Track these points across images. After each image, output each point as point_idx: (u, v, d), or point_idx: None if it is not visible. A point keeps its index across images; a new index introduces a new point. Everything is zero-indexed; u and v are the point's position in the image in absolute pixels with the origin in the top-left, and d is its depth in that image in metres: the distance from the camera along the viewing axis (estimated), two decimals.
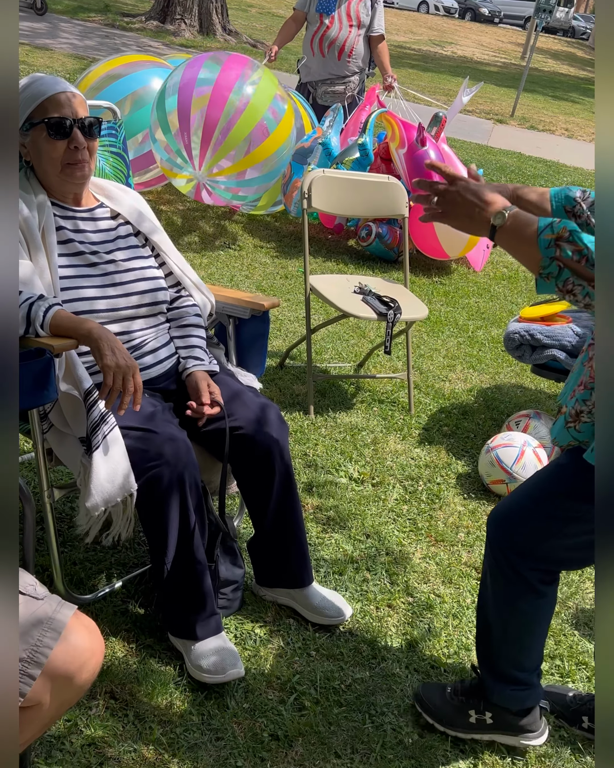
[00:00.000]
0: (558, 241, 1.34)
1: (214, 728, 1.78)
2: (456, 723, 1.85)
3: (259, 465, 2.00)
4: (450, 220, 1.47)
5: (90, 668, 1.28)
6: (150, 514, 1.85)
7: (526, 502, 1.69)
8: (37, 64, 9.00)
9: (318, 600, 2.09)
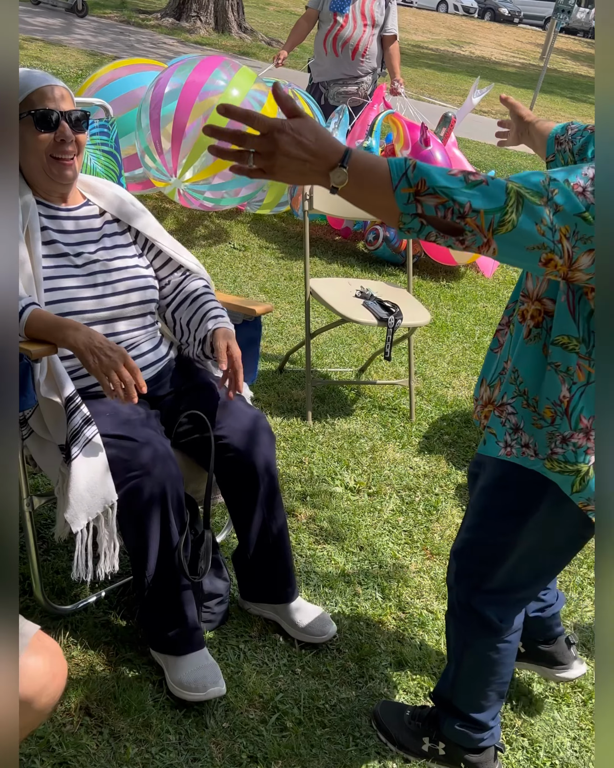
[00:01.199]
0: (418, 195, 1.18)
1: (191, 748, 1.72)
2: (409, 747, 1.80)
3: (244, 476, 1.94)
4: (274, 176, 1.19)
5: (50, 692, 1.22)
6: (130, 526, 1.79)
7: (470, 530, 1.63)
8: (50, 59, 8.98)
9: (302, 616, 2.02)
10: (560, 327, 1.38)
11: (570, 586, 2.47)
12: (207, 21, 13.31)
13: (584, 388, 1.39)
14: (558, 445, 1.42)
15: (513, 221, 1.18)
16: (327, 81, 5.10)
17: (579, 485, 1.43)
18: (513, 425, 1.48)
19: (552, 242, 1.20)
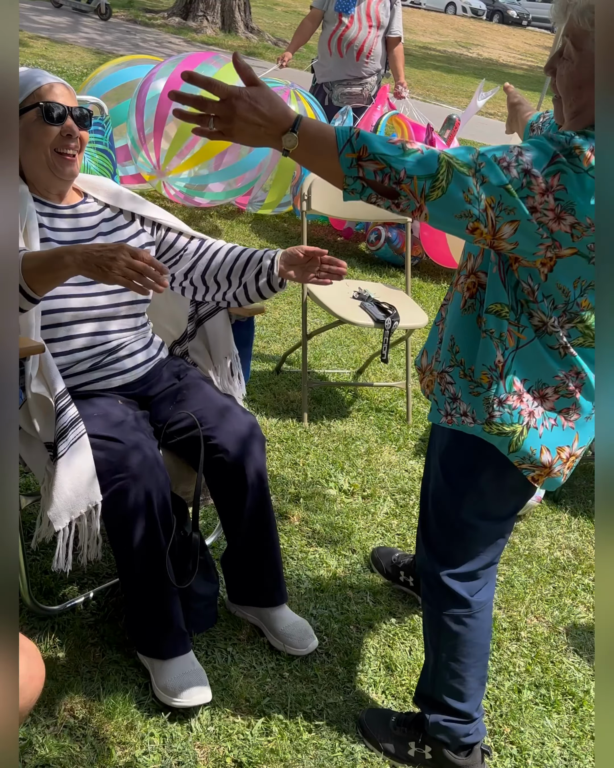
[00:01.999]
0: (360, 161, 1.29)
1: (174, 752, 1.70)
2: (397, 754, 1.80)
3: (232, 478, 1.93)
4: (233, 139, 1.31)
5: (27, 695, 1.21)
6: (116, 528, 1.78)
7: (429, 506, 1.70)
8: (56, 58, 8.99)
9: (285, 626, 2.00)
10: (493, 296, 1.46)
11: (564, 592, 2.45)
12: (214, 20, 13.31)
13: (514, 352, 1.47)
14: (495, 408, 1.49)
15: (442, 188, 1.28)
16: (331, 82, 5.09)
17: (515, 445, 1.50)
18: (452, 395, 1.55)
19: (477, 211, 1.30)
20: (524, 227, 1.32)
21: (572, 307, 1.41)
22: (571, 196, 1.30)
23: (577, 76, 1.37)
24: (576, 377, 1.48)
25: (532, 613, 2.33)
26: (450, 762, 1.74)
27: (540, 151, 1.31)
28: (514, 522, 1.67)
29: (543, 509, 2.85)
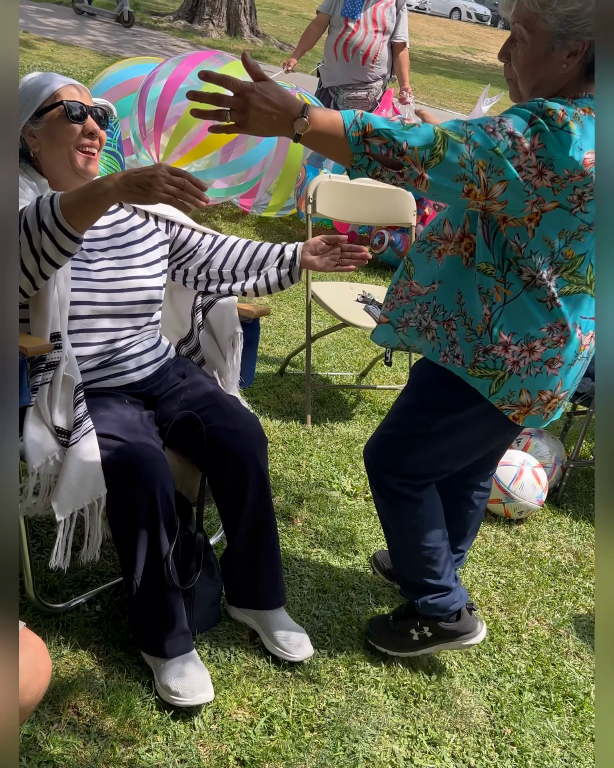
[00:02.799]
0: (365, 137, 1.44)
1: (178, 749, 1.72)
2: (404, 645, 2.02)
3: (233, 478, 1.94)
4: (248, 130, 1.45)
5: (34, 689, 1.22)
6: (120, 528, 1.80)
7: (389, 427, 1.91)
8: (62, 60, 9.02)
9: (281, 632, 1.99)
10: (481, 255, 1.63)
11: (566, 595, 2.46)
12: (219, 24, 13.34)
13: (502, 307, 1.64)
14: (481, 355, 1.68)
15: (440, 155, 1.46)
16: (336, 86, 5.11)
17: (495, 387, 1.69)
18: (453, 339, 1.72)
19: (471, 173, 1.47)
20: (512, 186, 1.49)
21: (558, 257, 1.58)
22: (550, 152, 1.48)
23: (531, 55, 1.57)
24: (561, 329, 1.64)
25: (533, 616, 2.34)
26: (447, 631, 1.97)
27: (519, 116, 1.49)
28: (487, 449, 1.89)
29: (544, 512, 2.86)
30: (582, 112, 1.51)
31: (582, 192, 1.52)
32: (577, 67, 1.56)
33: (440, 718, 1.94)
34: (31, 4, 12.25)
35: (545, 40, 1.54)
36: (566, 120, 1.47)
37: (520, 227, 1.56)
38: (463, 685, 2.05)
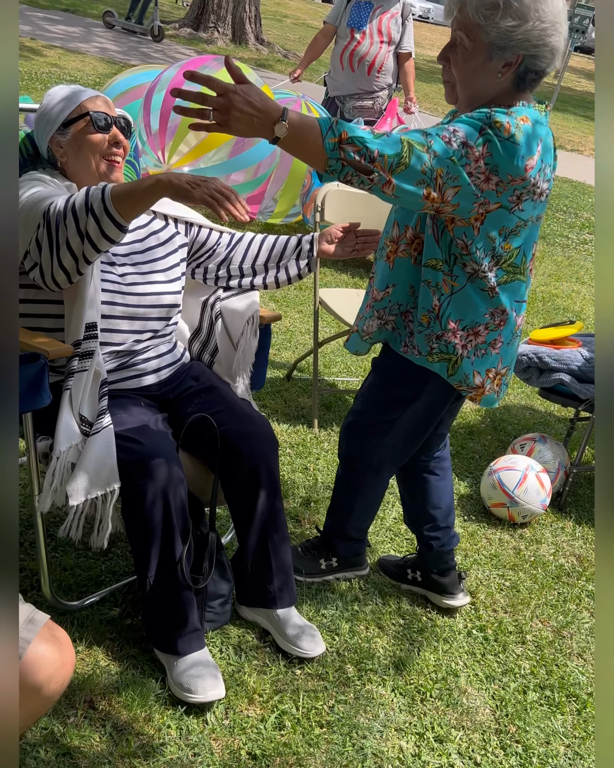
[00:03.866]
0: (341, 144, 1.56)
1: (191, 744, 1.76)
2: (313, 570, 2.31)
3: (245, 480, 1.99)
4: (229, 130, 1.53)
5: (58, 680, 1.27)
6: (134, 527, 1.84)
7: (359, 415, 2.11)
8: (69, 67, 9.10)
9: (293, 630, 2.04)
10: (429, 253, 1.81)
11: (569, 598, 2.50)
12: (224, 32, 13.44)
13: (449, 298, 1.83)
14: (434, 342, 1.87)
15: (406, 163, 1.60)
16: (343, 95, 5.17)
17: (451, 370, 1.89)
18: (410, 330, 1.91)
19: (430, 179, 1.63)
20: (464, 190, 1.66)
21: (498, 251, 1.78)
22: (496, 160, 1.65)
23: (471, 62, 1.72)
24: (501, 314, 1.86)
25: (537, 618, 2.39)
26: (351, 563, 2.34)
27: (470, 127, 1.65)
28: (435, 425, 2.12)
29: (547, 517, 2.91)
30: (521, 122, 1.68)
31: (520, 193, 1.72)
32: (510, 77, 1.74)
33: (446, 716, 1.98)
34: (39, 11, 12.35)
35: (484, 49, 1.69)
36: (512, 132, 1.65)
37: (467, 227, 1.74)
38: (469, 684, 2.09)
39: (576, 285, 5.79)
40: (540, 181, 1.74)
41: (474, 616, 2.33)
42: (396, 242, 1.88)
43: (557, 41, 1.71)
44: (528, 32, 1.67)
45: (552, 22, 1.68)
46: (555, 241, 6.93)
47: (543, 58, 1.72)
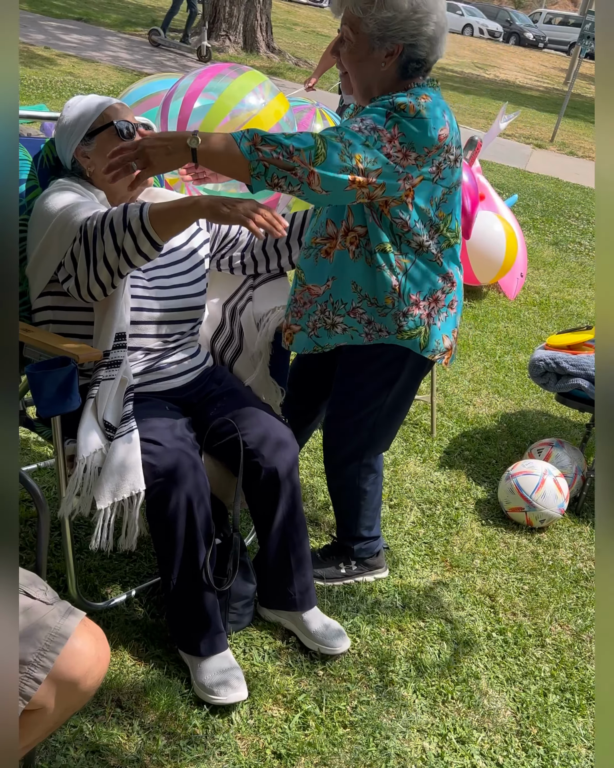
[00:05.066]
0: (256, 146, 1.68)
1: (217, 742, 1.78)
2: (333, 576, 2.35)
3: (266, 484, 2.01)
4: (154, 169, 1.69)
5: (95, 675, 1.29)
6: (158, 529, 1.87)
7: (338, 420, 2.19)
8: (83, 75, 9.19)
9: (317, 628, 2.07)
10: (375, 240, 1.92)
11: (587, 602, 2.51)
12: (236, 40, 13.53)
13: (405, 275, 1.96)
14: (401, 319, 1.98)
15: (323, 154, 1.70)
16: None
17: (424, 342, 2.02)
18: (367, 320, 2.01)
19: (351, 165, 1.73)
20: (385, 170, 1.78)
21: (434, 220, 1.92)
22: (410, 137, 1.78)
23: (356, 53, 1.87)
24: (450, 277, 2.01)
25: (556, 621, 2.40)
26: (369, 565, 2.39)
27: (376, 114, 1.78)
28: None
29: (565, 521, 2.92)
30: (422, 100, 1.81)
31: (439, 162, 1.85)
32: (394, 66, 1.87)
33: (468, 717, 1.99)
34: (52, 20, 12.47)
35: (366, 41, 1.84)
36: (417, 109, 1.78)
37: (400, 204, 1.87)
38: (489, 686, 2.10)
39: (589, 291, 5.81)
40: (452, 148, 1.87)
41: (493, 620, 2.35)
42: (335, 238, 1.98)
43: (433, 30, 1.85)
44: (403, 22, 1.81)
45: (426, 13, 1.82)
46: (568, 247, 6.95)
47: (421, 47, 1.85)
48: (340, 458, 2.23)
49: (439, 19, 1.85)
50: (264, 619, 2.15)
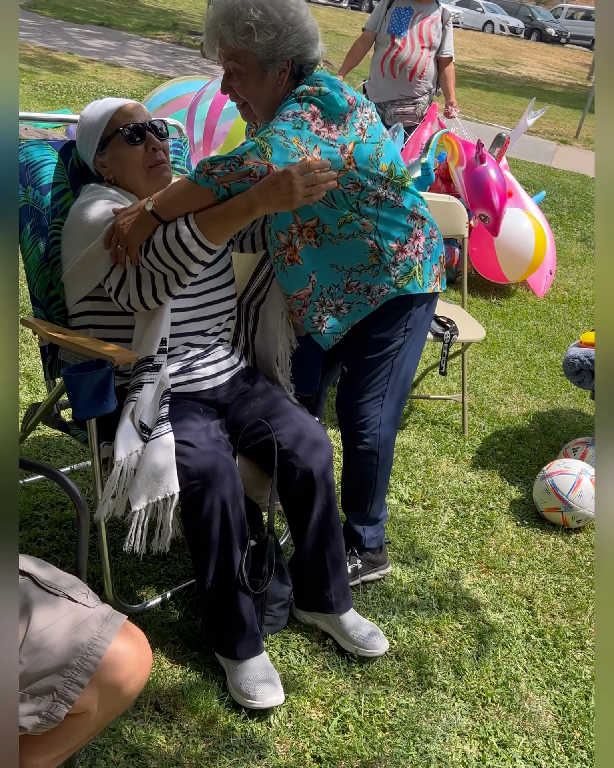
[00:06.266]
0: (209, 172, 1.74)
1: (256, 746, 1.77)
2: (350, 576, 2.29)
3: (300, 485, 2.00)
4: (133, 241, 1.80)
5: (137, 679, 1.29)
6: (192, 532, 1.86)
7: (373, 397, 2.19)
8: (106, 80, 9.24)
9: (354, 630, 2.05)
10: (334, 217, 1.97)
11: None
12: None
13: (376, 231, 2.00)
14: (393, 270, 2.05)
15: (269, 147, 1.76)
16: (383, 102, 5.18)
17: (420, 279, 2.09)
18: (364, 287, 2.07)
19: (295, 149, 1.78)
20: (322, 147, 1.83)
21: (381, 174, 1.95)
22: (326, 110, 1.84)
23: (251, 82, 1.89)
24: (417, 215, 2.05)
25: None
26: (373, 561, 2.34)
27: (291, 104, 1.84)
28: None
29: None
30: (317, 82, 1.86)
31: (359, 123, 1.89)
32: (289, 77, 1.91)
33: (508, 720, 1.96)
34: (75, 26, 12.56)
35: (258, 68, 1.87)
36: (318, 89, 1.84)
37: (347, 173, 1.91)
38: (530, 689, 2.07)
39: None
40: (364, 107, 1.91)
41: (531, 621, 2.31)
42: (290, 243, 2.04)
43: (313, 31, 1.90)
44: (287, 38, 1.85)
45: (301, 19, 1.86)
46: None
47: (309, 51, 1.90)
48: (379, 425, 2.19)
49: (311, 19, 1.90)
50: (300, 621, 2.13)
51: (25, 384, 2.97)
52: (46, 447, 2.68)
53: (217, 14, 1.86)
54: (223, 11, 1.85)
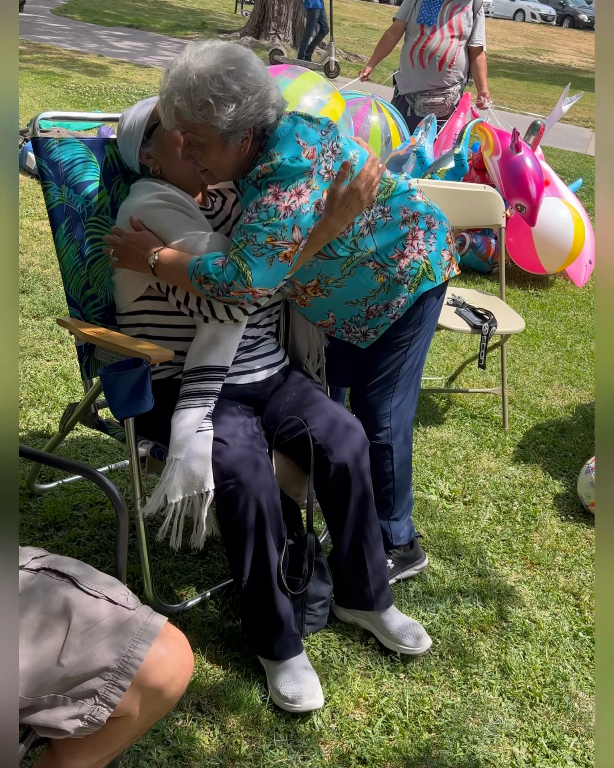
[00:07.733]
0: (201, 284, 1.80)
1: (300, 747, 1.74)
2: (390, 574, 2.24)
3: (336, 480, 1.96)
4: (124, 264, 1.90)
5: (179, 681, 1.27)
6: (227, 533, 1.84)
7: (393, 391, 2.18)
8: (137, 81, 9.28)
9: (396, 627, 2.02)
10: (332, 270, 1.99)
11: None
12: (285, 38, 13.53)
13: (375, 253, 1.99)
14: (402, 278, 2.03)
15: (248, 270, 1.79)
16: (413, 93, 5.12)
17: (431, 275, 2.07)
18: (384, 306, 2.07)
19: (272, 252, 1.80)
20: (301, 222, 1.81)
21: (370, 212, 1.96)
22: (285, 182, 1.78)
23: (212, 153, 1.82)
24: (408, 212, 2.00)
25: None
26: (406, 558, 2.29)
27: (249, 193, 1.84)
28: None
29: None
30: (271, 155, 1.80)
31: (324, 167, 1.84)
32: (252, 143, 1.84)
33: (558, 721, 1.91)
34: (104, 28, 12.65)
35: (218, 140, 1.79)
36: (271, 165, 1.78)
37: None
38: (579, 688, 2.02)
39: None
40: (325, 147, 1.84)
41: (579, 619, 2.26)
42: (298, 295, 2.08)
43: (274, 95, 1.81)
44: (247, 108, 1.76)
45: (260, 86, 1.78)
46: None
47: (269, 116, 1.81)
48: (390, 417, 2.17)
49: (272, 83, 1.82)
50: (340, 621, 2.10)
51: (62, 384, 2.98)
52: (84, 447, 2.68)
53: (173, 87, 1.75)
54: (178, 85, 1.74)
